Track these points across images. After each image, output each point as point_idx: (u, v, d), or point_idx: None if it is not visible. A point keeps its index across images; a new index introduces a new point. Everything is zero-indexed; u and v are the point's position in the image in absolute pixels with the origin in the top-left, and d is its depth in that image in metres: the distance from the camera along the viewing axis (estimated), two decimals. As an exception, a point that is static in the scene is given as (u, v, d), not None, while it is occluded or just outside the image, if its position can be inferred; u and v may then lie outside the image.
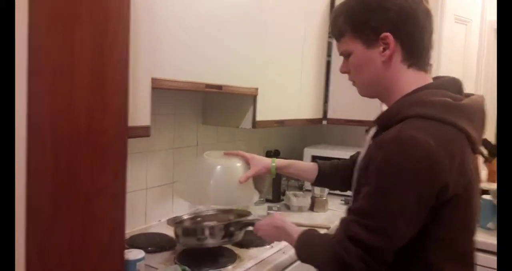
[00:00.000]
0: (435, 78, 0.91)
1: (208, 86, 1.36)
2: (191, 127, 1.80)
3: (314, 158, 2.25)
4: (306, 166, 1.29)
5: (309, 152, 2.29)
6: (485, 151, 2.20)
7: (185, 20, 1.25)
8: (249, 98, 1.65)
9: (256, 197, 1.30)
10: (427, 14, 0.88)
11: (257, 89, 1.63)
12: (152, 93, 1.13)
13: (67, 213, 0.72)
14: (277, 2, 1.71)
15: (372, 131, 0.91)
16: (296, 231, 0.97)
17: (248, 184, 1.24)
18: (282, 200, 2.02)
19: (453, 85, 0.88)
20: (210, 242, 1.16)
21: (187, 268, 1.08)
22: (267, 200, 1.97)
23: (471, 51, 2.34)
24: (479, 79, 2.39)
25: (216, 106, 1.79)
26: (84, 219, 0.74)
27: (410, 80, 0.87)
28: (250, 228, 1.19)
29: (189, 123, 1.78)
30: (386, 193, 0.77)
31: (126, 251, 0.99)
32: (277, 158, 2.24)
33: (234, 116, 1.72)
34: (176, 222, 1.30)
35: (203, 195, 1.18)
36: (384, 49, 0.86)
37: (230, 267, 1.21)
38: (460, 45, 2.28)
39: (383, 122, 0.86)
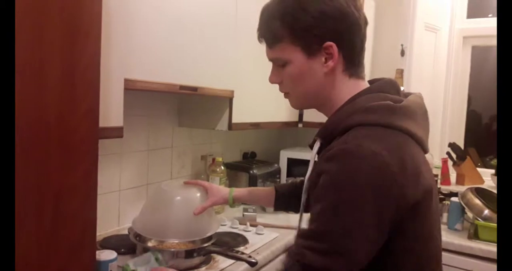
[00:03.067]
0: (370, 81, 0.86)
1: (183, 87, 1.37)
2: (166, 129, 1.79)
3: (290, 161, 2.28)
4: (263, 192, 1.24)
5: (285, 154, 2.31)
6: (454, 155, 2.29)
7: (159, 20, 1.26)
8: (225, 100, 1.66)
9: (217, 225, 1.26)
10: (366, 23, 0.84)
11: (233, 91, 1.65)
12: (126, 94, 1.13)
13: (35, 211, 0.71)
14: (252, 5, 1.74)
15: (316, 146, 0.86)
16: None
17: (209, 213, 1.21)
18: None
19: (391, 86, 0.83)
20: (169, 264, 1.14)
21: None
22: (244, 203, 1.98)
23: (441, 58, 2.43)
24: (448, 84, 2.48)
25: (191, 108, 1.80)
26: (54, 218, 0.74)
27: (351, 89, 0.82)
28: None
29: (164, 125, 1.78)
30: (341, 210, 0.68)
31: (98, 252, 0.99)
32: (254, 159, 2.25)
33: (210, 118, 1.72)
34: (137, 235, 1.21)
35: (162, 230, 1.14)
36: (327, 60, 0.79)
37: (203, 268, 1.21)
38: (430, 52, 2.36)
39: (326, 135, 0.81)
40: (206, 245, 1.19)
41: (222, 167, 1.90)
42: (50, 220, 0.74)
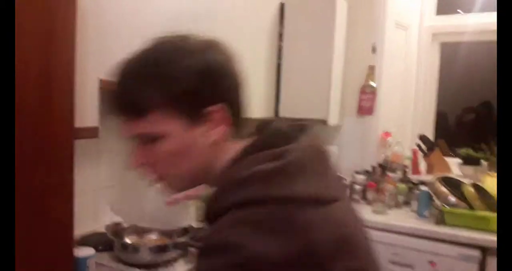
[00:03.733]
0: (257, 132, 0.68)
1: (159, 87, 1.40)
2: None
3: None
4: None
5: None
6: (423, 146, 2.39)
7: (133, 20, 1.29)
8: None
9: (188, 220, 1.29)
10: (238, 76, 0.68)
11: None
12: (102, 94, 1.16)
13: (17, 212, 0.74)
14: (226, 6, 1.78)
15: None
16: None
17: (181, 207, 1.25)
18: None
19: (274, 136, 0.65)
20: (147, 259, 1.19)
21: None
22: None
23: (411, 54, 2.52)
24: (418, 79, 2.58)
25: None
26: (32, 216, 0.77)
27: (230, 152, 0.63)
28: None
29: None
30: None
31: (76, 249, 1.02)
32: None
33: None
34: (114, 231, 1.28)
35: (137, 215, 1.18)
36: (213, 126, 0.62)
37: (181, 261, 1.26)
38: (400, 48, 2.46)
39: (210, 217, 0.61)
40: (182, 240, 1.24)
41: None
42: (28, 219, 0.77)
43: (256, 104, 2.12)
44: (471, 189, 1.79)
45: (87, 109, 1.09)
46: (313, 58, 2.17)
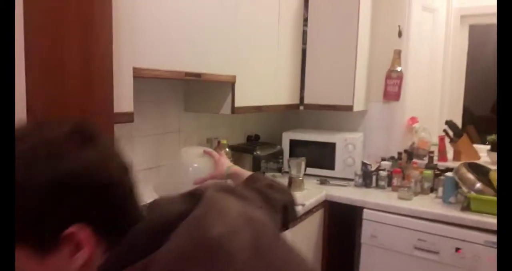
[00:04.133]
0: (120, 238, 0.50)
1: (188, 74, 1.45)
2: (173, 114, 1.88)
3: (292, 142, 2.38)
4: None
5: (287, 136, 2.41)
6: (450, 132, 2.36)
7: (164, 12, 1.33)
8: (228, 85, 1.75)
9: None
10: (123, 172, 0.55)
11: (234, 76, 1.73)
12: (134, 81, 1.21)
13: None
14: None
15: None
16: None
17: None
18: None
19: (140, 242, 0.50)
20: None
21: None
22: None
23: (439, 37, 2.47)
24: (446, 64, 2.53)
25: (196, 93, 1.88)
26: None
27: None
28: None
29: (171, 110, 1.87)
30: None
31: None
32: (258, 141, 2.33)
33: (214, 103, 1.81)
34: None
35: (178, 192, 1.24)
36: (75, 250, 0.48)
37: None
38: (428, 33, 2.41)
39: None
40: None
41: (227, 150, 2.00)
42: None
43: (282, 91, 2.15)
44: (499, 175, 1.77)
45: (123, 95, 1.15)
46: (337, 43, 2.16)
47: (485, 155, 2.33)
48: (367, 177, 2.13)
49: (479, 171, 1.89)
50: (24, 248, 0.47)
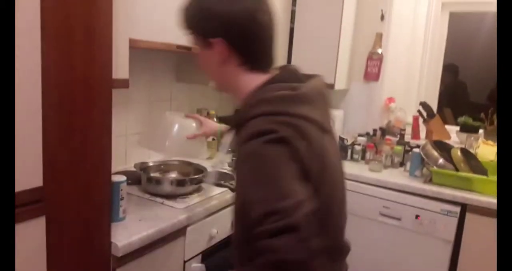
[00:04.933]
0: (277, 68, 0.93)
1: (179, 47, 1.58)
2: (165, 84, 2.02)
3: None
4: None
5: (273, 110, 2.55)
6: (424, 113, 2.53)
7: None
8: (217, 59, 1.88)
9: (204, 154, 1.52)
10: (264, 24, 0.89)
11: (223, 51, 1.86)
12: (130, 51, 1.35)
13: (68, 138, 0.97)
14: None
15: (230, 135, 0.96)
16: None
17: (198, 142, 1.44)
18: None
19: (291, 74, 0.90)
20: (167, 190, 1.43)
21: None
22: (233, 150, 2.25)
23: (419, 23, 2.60)
24: (426, 50, 2.67)
25: (188, 66, 2.02)
26: (81, 143, 1.00)
27: (252, 82, 0.87)
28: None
29: (164, 80, 2.01)
30: (265, 183, 0.71)
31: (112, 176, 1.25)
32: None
33: (203, 75, 1.92)
34: (142, 168, 1.52)
35: (161, 145, 1.39)
36: (217, 53, 0.87)
37: (195, 195, 1.51)
38: (409, 18, 2.54)
39: (237, 125, 0.85)
40: (198, 176, 1.47)
41: (215, 119, 2.15)
42: (79, 145, 1.00)
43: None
44: (458, 153, 1.96)
45: (120, 63, 1.29)
46: (323, 24, 2.28)
47: (454, 135, 2.52)
48: (343, 150, 2.30)
49: (443, 148, 2.07)
50: (199, 42, 0.91)
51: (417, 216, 1.95)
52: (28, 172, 0.87)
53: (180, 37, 1.62)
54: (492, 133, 2.34)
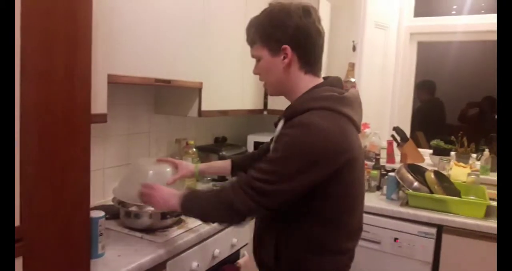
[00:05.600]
0: (324, 78, 1.16)
1: (158, 80, 1.62)
2: (144, 116, 2.04)
3: (256, 144, 2.57)
4: (222, 164, 1.52)
5: (252, 138, 2.60)
6: (398, 137, 2.62)
7: (136, 23, 1.50)
8: (195, 90, 1.92)
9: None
10: (319, 33, 1.12)
11: (201, 83, 1.91)
12: (109, 86, 1.37)
13: (47, 176, 0.96)
14: (219, 7, 1.98)
15: (281, 124, 1.14)
16: (179, 194, 1.16)
17: (176, 186, 1.44)
18: (227, 179, 2.32)
19: (337, 82, 1.15)
20: (146, 224, 1.41)
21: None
22: (213, 180, 2.26)
23: (390, 52, 2.74)
24: (396, 76, 2.80)
25: (166, 97, 2.05)
26: (61, 180, 0.99)
27: (307, 82, 1.12)
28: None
29: (142, 112, 2.03)
30: (289, 161, 0.99)
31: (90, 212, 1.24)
32: (224, 143, 2.53)
33: (182, 106, 1.98)
34: (119, 202, 1.48)
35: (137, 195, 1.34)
36: (284, 58, 1.10)
37: (175, 227, 1.50)
38: (380, 47, 2.67)
39: (289, 115, 1.08)
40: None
41: (194, 149, 2.17)
42: (58, 182, 0.99)
43: (247, 97, 2.34)
44: (432, 175, 2.03)
45: (98, 99, 1.31)
46: (298, 55, 2.37)
47: (427, 158, 2.61)
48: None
49: (418, 171, 2.14)
50: (266, 49, 1.12)
51: (395, 239, 1.99)
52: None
53: (159, 70, 1.68)
54: (463, 155, 2.44)
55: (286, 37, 1.09)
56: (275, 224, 1.11)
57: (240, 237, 1.77)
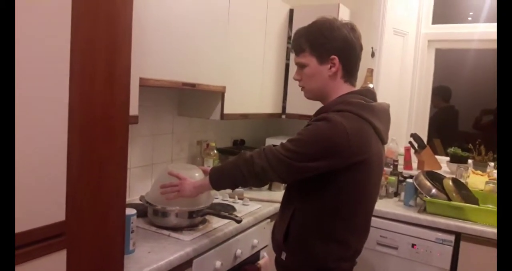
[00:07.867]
0: (360, 88, 1.31)
1: (184, 84, 1.67)
2: (168, 118, 2.10)
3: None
4: None
5: (270, 141, 2.63)
6: (415, 144, 2.63)
7: (165, 30, 1.56)
8: (218, 94, 1.97)
9: (211, 200, 1.58)
10: (361, 48, 1.26)
11: (224, 87, 1.95)
12: (140, 89, 1.43)
13: (88, 174, 1.01)
14: (241, 16, 2.03)
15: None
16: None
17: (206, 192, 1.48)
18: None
19: (369, 93, 1.27)
20: (173, 222, 1.46)
21: None
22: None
23: (408, 59, 2.76)
24: (414, 83, 2.81)
25: (190, 100, 2.10)
26: (99, 178, 1.04)
27: (344, 90, 1.24)
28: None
29: (166, 114, 2.08)
30: (307, 145, 1.15)
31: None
32: (243, 145, 2.58)
33: (205, 109, 2.03)
34: (147, 201, 1.53)
35: (169, 202, 1.43)
36: (331, 67, 1.22)
37: (200, 227, 1.54)
38: (398, 54, 2.69)
39: (319, 113, 1.23)
40: (203, 207, 1.51)
41: (215, 151, 2.21)
42: (97, 179, 1.04)
43: (266, 101, 2.39)
44: (450, 183, 2.04)
45: (132, 101, 1.35)
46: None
47: (445, 165, 2.62)
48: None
49: (435, 178, 2.16)
50: (314, 57, 1.22)
51: (413, 245, 2.00)
52: (52, 207, 0.92)
53: (186, 75, 1.73)
54: (481, 163, 2.44)
55: (335, 48, 1.20)
56: (290, 206, 1.26)
57: (261, 238, 1.81)
